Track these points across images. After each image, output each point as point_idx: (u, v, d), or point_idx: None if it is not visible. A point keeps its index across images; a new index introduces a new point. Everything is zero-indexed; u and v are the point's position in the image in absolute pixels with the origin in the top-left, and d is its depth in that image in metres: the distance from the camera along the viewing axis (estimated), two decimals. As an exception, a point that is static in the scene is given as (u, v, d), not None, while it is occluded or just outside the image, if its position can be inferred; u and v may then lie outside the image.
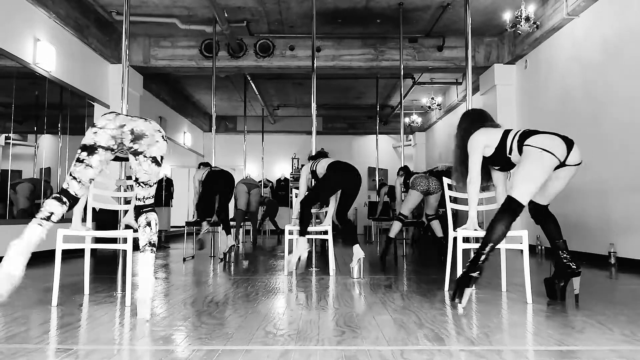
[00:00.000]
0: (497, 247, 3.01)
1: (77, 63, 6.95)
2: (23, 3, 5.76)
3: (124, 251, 5.04)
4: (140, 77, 8.42)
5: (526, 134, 3.02)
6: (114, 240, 6.10)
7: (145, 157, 2.69)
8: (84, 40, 7.00)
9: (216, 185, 6.09)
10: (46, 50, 6.09)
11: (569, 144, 2.97)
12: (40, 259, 5.68)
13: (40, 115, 6.39)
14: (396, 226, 6.04)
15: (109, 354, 1.94)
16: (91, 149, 2.61)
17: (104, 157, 2.64)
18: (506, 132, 3.11)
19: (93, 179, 2.69)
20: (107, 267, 5.40)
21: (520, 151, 3.00)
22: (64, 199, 2.60)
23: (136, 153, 2.69)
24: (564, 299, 3.09)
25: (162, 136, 2.76)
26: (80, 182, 2.64)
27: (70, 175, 2.63)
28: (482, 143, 3.12)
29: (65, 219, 3.17)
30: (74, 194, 2.63)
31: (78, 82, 6.98)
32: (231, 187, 6.32)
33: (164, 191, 12.01)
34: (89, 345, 2.10)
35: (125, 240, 3.09)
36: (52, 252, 3.06)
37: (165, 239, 9.50)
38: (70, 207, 2.70)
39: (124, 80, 4.47)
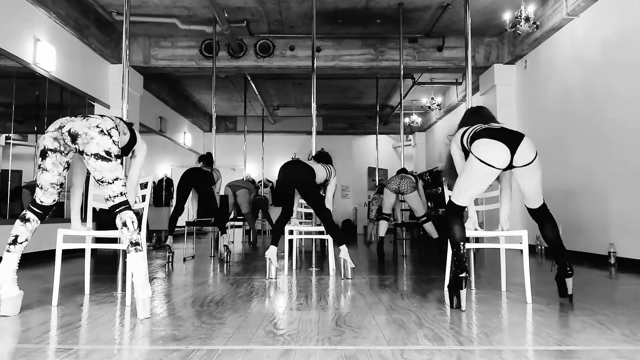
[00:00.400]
0: (499, 247, 3.00)
1: (77, 63, 6.95)
2: (23, 3, 5.76)
3: (124, 251, 5.05)
4: (140, 77, 8.43)
5: (473, 137, 2.92)
6: (114, 240, 6.09)
7: (88, 155, 2.67)
8: (84, 40, 7.00)
9: (182, 184, 5.88)
10: (46, 50, 6.09)
11: (513, 145, 2.82)
12: (40, 259, 5.70)
13: (40, 115, 6.39)
14: (382, 225, 6.23)
15: (109, 354, 1.94)
16: (43, 154, 2.75)
17: (55, 160, 2.75)
18: (463, 133, 3.05)
19: (56, 184, 2.79)
20: (107, 267, 5.40)
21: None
22: (28, 215, 2.78)
23: (81, 152, 2.71)
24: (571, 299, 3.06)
25: (100, 131, 2.68)
26: (42, 188, 2.79)
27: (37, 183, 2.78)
28: (456, 146, 3.11)
29: (66, 219, 3.16)
30: (39, 202, 2.80)
31: (78, 82, 6.98)
32: (202, 185, 5.95)
33: (164, 191, 12.02)
34: (89, 345, 2.10)
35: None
36: (52, 252, 3.06)
37: (166, 239, 9.49)
38: (41, 218, 2.82)
39: (124, 80, 4.47)
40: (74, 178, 3.13)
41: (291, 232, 4.83)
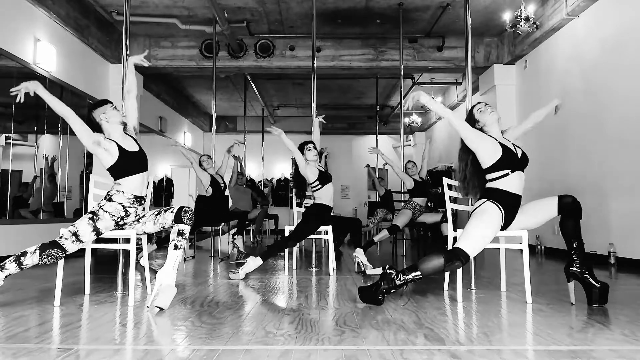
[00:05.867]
0: (498, 247, 2.99)
1: (77, 63, 6.95)
2: (23, 3, 5.76)
3: (125, 251, 5.05)
4: (140, 77, 8.42)
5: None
6: (114, 240, 6.10)
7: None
8: (84, 41, 7.00)
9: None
10: (46, 50, 6.09)
11: None
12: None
13: (40, 115, 6.39)
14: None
15: (110, 354, 1.95)
16: None
17: None
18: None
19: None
20: (107, 267, 5.40)
21: None
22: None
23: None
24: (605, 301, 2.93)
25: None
26: None
27: None
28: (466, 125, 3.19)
29: (66, 219, 3.16)
30: None
31: (78, 82, 6.98)
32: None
33: (164, 191, 12.01)
34: (89, 344, 2.10)
35: (128, 241, 3.10)
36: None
37: (166, 239, 9.47)
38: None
39: (125, 80, 4.47)
40: None
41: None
